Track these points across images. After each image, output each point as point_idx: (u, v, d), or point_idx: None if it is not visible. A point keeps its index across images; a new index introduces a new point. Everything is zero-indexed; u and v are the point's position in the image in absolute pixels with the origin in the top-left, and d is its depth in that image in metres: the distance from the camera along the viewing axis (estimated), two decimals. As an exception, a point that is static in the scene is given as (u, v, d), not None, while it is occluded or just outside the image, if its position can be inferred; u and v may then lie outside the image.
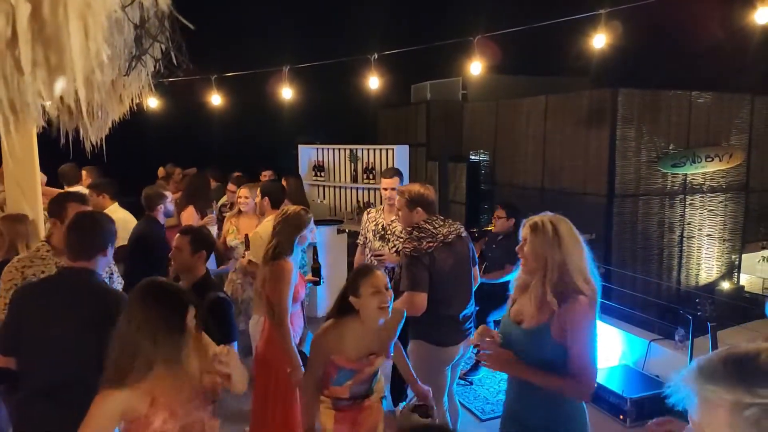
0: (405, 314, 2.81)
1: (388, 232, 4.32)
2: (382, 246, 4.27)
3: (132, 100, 2.57)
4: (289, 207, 3.51)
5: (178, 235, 3.18)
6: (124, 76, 2.06)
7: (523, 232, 2.28)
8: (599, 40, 3.76)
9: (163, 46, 2.03)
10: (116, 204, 4.85)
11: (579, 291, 2.15)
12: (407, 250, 3.25)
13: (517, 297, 2.39)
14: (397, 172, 4.57)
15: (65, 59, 1.25)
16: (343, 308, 2.53)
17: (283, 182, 5.76)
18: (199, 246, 3.08)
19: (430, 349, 3.24)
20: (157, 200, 4.47)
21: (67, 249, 2.49)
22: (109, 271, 3.28)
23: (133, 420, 1.93)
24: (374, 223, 4.43)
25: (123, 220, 4.56)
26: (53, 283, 2.49)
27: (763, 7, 3.04)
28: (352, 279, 2.52)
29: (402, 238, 3.65)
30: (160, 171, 8.08)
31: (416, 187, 3.45)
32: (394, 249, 4.11)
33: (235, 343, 2.86)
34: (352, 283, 2.48)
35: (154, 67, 2.24)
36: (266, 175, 6.64)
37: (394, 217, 4.40)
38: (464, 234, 3.41)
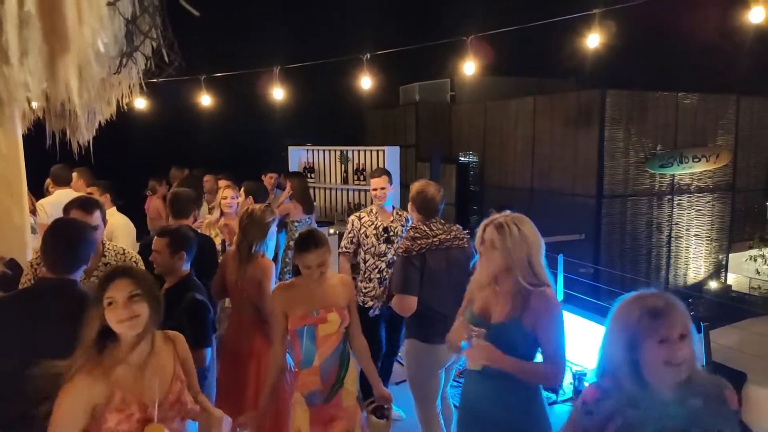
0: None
1: (391, 233, 4.25)
2: (389, 248, 4.21)
3: (122, 98, 2.50)
4: (254, 205, 3.57)
5: (156, 237, 3.08)
6: (114, 74, 2.00)
7: (488, 233, 2.33)
8: (593, 40, 3.75)
9: (154, 43, 1.97)
10: (114, 208, 4.74)
11: (546, 283, 2.28)
12: (400, 250, 3.24)
13: (476, 294, 2.46)
14: (385, 172, 4.51)
15: (58, 46, 1.16)
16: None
17: (287, 182, 5.68)
18: (177, 247, 2.99)
19: (422, 348, 3.21)
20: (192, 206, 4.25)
21: (53, 260, 2.24)
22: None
23: (92, 415, 1.76)
24: (373, 227, 4.31)
25: (125, 224, 4.45)
26: (36, 296, 2.24)
27: (756, 6, 3.07)
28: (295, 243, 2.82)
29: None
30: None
31: (417, 185, 3.40)
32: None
33: (208, 350, 2.78)
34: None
35: (145, 65, 2.18)
36: (272, 177, 6.51)
37: (392, 218, 4.35)
38: (466, 245, 3.36)
